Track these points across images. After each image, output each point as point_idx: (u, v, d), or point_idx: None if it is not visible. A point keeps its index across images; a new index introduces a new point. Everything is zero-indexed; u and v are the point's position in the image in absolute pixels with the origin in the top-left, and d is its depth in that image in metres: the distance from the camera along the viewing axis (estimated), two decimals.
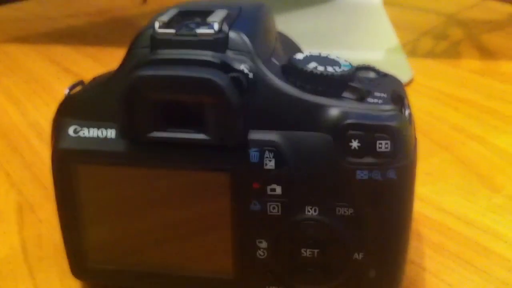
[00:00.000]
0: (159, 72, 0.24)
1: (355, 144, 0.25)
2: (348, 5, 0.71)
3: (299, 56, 0.27)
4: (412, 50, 0.63)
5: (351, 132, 0.25)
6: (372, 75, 0.29)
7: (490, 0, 0.77)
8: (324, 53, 0.27)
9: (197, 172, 0.26)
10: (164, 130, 0.25)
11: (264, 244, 0.27)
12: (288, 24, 0.37)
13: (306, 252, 0.27)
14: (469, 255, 0.33)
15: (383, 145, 0.25)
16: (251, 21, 0.27)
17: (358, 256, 0.26)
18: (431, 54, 0.62)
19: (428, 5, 0.77)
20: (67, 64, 0.61)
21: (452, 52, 0.62)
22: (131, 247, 0.28)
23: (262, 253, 0.27)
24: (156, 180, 0.27)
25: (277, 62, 0.27)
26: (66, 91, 0.28)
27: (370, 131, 0.25)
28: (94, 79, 0.29)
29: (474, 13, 0.75)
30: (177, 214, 0.27)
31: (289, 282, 0.27)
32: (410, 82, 0.55)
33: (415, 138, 0.27)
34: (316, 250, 0.27)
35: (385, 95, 0.26)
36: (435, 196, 0.38)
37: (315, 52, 0.28)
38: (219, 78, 0.24)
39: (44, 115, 0.48)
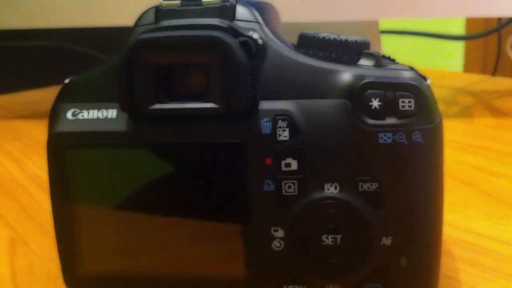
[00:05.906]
0: (161, 34, 0.23)
1: (375, 103, 0.23)
2: None
3: (309, 32, 0.25)
4: None
5: (370, 91, 0.23)
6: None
7: (497, 76, 0.77)
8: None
9: (203, 150, 0.24)
10: (167, 102, 0.24)
11: (280, 233, 0.24)
12: None
13: (328, 239, 0.23)
14: (508, 268, 0.29)
15: (406, 104, 0.23)
16: (258, 2, 0.26)
17: (387, 240, 0.23)
18: (444, 115, 0.60)
19: (433, 81, 0.76)
20: None
21: (464, 114, 0.61)
22: (131, 246, 0.25)
23: (278, 244, 0.24)
24: (159, 161, 0.24)
25: (287, 40, 0.26)
26: (67, 80, 0.26)
27: (391, 89, 0.23)
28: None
29: (482, 86, 0.75)
30: (182, 204, 0.25)
31: (309, 278, 0.24)
32: None
33: (439, 112, 0.25)
34: (338, 236, 0.23)
35: (403, 66, 0.25)
36: (463, 222, 0.35)
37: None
38: (226, 37, 0.23)
39: (43, 168, 0.47)
